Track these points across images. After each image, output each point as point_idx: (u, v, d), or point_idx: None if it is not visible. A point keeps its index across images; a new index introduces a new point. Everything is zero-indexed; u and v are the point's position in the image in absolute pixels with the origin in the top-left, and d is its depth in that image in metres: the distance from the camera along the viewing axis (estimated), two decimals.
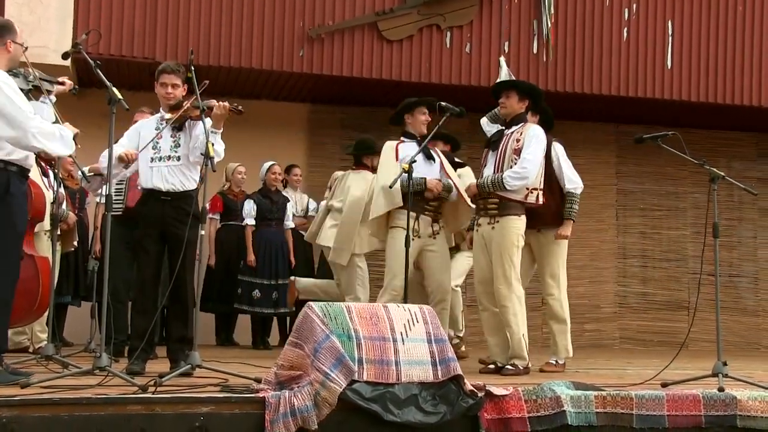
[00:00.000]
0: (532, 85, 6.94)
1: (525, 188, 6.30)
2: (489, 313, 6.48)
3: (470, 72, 9.80)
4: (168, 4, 9.18)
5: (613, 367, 7.57)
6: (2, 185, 4.76)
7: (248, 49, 9.37)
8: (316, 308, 4.49)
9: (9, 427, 3.85)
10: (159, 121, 5.76)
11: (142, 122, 5.86)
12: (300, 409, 4.21)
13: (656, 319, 11.33)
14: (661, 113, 10.97)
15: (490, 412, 4.60)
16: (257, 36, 9.40)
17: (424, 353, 4.55)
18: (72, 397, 4.06)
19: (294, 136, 10.90)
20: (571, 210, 6.76)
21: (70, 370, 5.10)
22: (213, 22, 9.29)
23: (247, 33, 9.37)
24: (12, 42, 4.95)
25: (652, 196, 11.67)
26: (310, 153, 10.94)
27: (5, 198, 4.77)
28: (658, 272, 11.39)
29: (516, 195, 6.30)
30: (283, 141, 10.69)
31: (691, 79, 10.45)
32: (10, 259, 4.82)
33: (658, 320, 11.34)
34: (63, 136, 4.84)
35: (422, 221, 6.73)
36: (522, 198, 6.31)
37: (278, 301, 9.16)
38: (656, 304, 11.53)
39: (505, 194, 6.28)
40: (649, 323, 11.34)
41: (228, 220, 9.35)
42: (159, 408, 4.12)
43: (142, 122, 5.86)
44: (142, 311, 5.61)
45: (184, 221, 5.54)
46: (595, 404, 4.77)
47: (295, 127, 10.94)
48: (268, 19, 9.43)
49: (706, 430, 4.94)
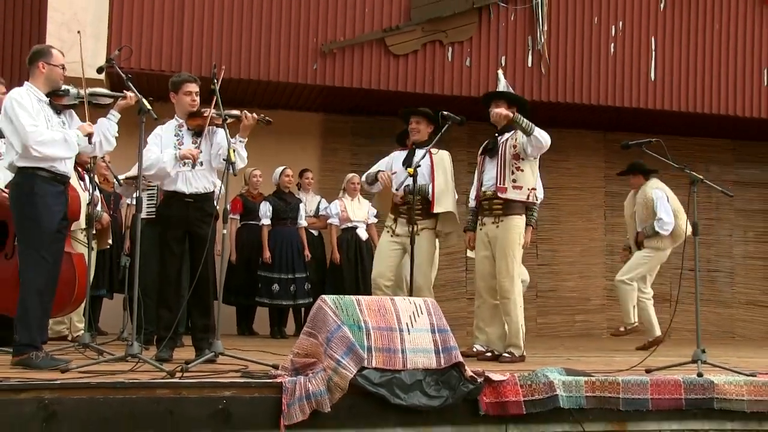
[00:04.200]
0: (518, 95, 6.92)
1: (527, 189, 6.34)
2: (487, 305, 6.48)
3: (470, 84, 9.79)
4: (193, 23, 9.21)
5: (601, 354, 7.55)
6: (28, 187, 4.88)
7: (266, 63, 9.37)
8: (329, 301, 4.50)
9: (50, 408, 3.87)
10: (177, 128, 5.72)
11: (160, 127, 5.77)
12: (314, 393, 4.22)
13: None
14: (645, 121, 10.96)
15: (488, 396, 4.60)
16: (274, 51, 9.41)
17: (428, 342, 4.56)
18: (106, 382, 4.07)
19: (308, 142, 10.91)
20: (531, 217, 6.62)
21: (104, 357, 5.14)
22: (234, 38, 9.30)
23: (265, 48, 9.39)
24: (45, 64, 5.02)
25: None
26: (323, 158, 10.94)
27: (30, 198, 4.87)
28: None
29: (519, 196, 6.32)
30: (299, 147, 10.70)
31: (672, 90, 10.43)
32: (39, 253, 4.86)
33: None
34: (67, 140, 4.95)
35: (399, 223, 6.68)
36: (524, 198, 6.34)
37: (295, 293, 9.18)
38: None
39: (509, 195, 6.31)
40: None
41: (247, 219, 9.36)
42: (185, 392, 4.13)
43: (161, 128, 5.77)
44: (168, 304, 5.59)
45: (206, 221, 5.54)
46: (585, 389, 4.77)
47: (309, 134, 10.94)
48: (284, 35, 9.44)
49: (686, 411, 4.95)
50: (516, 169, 6.34)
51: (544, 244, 11.30)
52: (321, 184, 10.42)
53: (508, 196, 6.32)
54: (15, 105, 4.86)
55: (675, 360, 5.60)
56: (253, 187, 9.44)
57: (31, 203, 4.87)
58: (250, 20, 9.35)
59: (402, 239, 6.61)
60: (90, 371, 4.43)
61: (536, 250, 11.11)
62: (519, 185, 6.33)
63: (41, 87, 5.03)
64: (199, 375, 4.41)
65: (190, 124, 5.64)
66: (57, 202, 5.01)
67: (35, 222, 4.87)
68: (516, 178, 6.34)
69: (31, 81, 5.04)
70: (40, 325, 4.94)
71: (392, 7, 9.72)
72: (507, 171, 6.34)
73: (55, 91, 5.10)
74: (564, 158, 11.52)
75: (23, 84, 5.05)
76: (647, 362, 5.50)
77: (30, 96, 4.94)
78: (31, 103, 4.92)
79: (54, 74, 5.08)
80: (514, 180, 6.33)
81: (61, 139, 4.92)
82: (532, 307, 9.44)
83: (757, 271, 12.28)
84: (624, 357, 6.80)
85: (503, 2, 9.97)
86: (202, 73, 7.75)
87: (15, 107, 4.85)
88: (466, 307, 10.43)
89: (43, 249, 4.88)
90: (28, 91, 4.96)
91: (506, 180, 6.34)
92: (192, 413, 4.09)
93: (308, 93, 10.11)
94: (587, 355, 7.46)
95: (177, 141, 5.64)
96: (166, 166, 5.47)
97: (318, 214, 9.63)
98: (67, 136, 4.96)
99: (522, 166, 6.34)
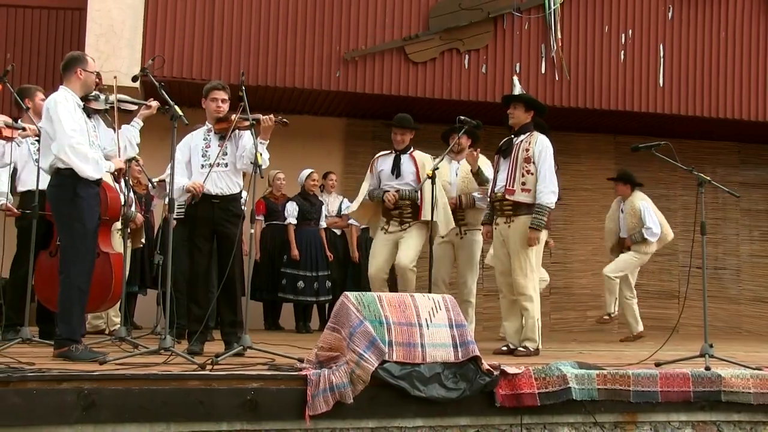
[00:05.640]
0: (536, 100, 6.89)
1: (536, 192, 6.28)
2: (507, 300, 6.46)
3: (486, 90, 9.77)
4: (222, 34, 9.26)
5: (613, 349, 7.52)
6: (71, 188, 4.89)
7: (291, 71, 9.40)
8: (352, 297, 4.49)
9: (89, 397, 3.89)
10: (206, 132, 5.74)
11: (190, 135, 5.80)
12: (338, 385, 4.22)
13: (650, 306, 11.21)
14: (654, 125, 10.91)
15: (504, 389, 4.58)
16: (299, 59, 9.43)
17: (446, 337, 4.54)
18: (141, 373, 4.09)
19: (332, 146, 10.94)
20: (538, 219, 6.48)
21: (139, 350, 5.15)
22: (261, 48, 9.34)
23: (290, 57, 9.41)
24: (82, 70, 5.06)
25: None
26: (345, 161, 10.96)
27: (74, 199, 4.89)
28: (651, 265, 11.24)
29: (527, 198, 6.28)
30: (323, 150, 10.73)
31: (680, 95, 10.38)
32: (80, 250, 4.89)
33: (652, 308, 11.22)
34: (98, 163, 4.96)
35: (391, 224, 6.77)
36: (533, 200, 6.29)
37: (319, 290, 9.19)
38: (650, 293, 11.43)
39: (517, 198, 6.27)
40: (644, 310, 11.14)
41: (271, 220, 9.38)
42: (215, 383, 4.14)
43: (192, 134, 5.80)
44: (197, 301, 5.59)
45: (232, 221, 5.55)
46: (597, 381, 4.74)
47: (332, 138, 10.97)
48: (309, 44, 9.46)
49: (695, 404, 4.91)
50: (526, 172, 6.28)
51: (557, 243, 11.24)
52: (343, 185, 10.43)
53: (516, 198, 6.28)
54: (58, 107, 4.86)
55: (683, 354, 5.57)
56: (277, 189, 9.46)
57: (73, 204, 4.89)
58: (277, 31, 9.39)
59: (395, 235, 6.72)
60: (126, 363, 4.46)
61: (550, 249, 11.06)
62: (528, 188, 6.28)
63: (77, 92, 5.06)
64: (228, 367, 4.42)
65: (217, 128, 5.67)
66: (95, 203, 5.05)
67: (78, 222, 4.89)
68: (525, 181, 6.29)
69: (67, 85, 5.06)
70: (79, 320, 4.98)
71: (411, 17, 9.73)
72: (517, 173, 6.30)
73: (86, 96, 5.16)
74: (576, 160, 11.48)
75: (59, 88, 5.07)
76: (657, 356, 5.47)
77: (69, 100, 4.96)
78: (73, 107, 4.95)
79: (89, 80, 5.13)
80: (523, 183, 6.29)
81: (93, 160, 4.92)
82: (546, 304, 9.41)
83: (763, 269, 12.18)
84: (634, 351, 6.76)
85: (517, 12, 9.94)
86: (231, 81, 7.78)
87: (58, 109, 4.86)
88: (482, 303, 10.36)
89: (84, 248, 4.91)
90: (66, 96, 4.98)
91: (515, 182, 6.30)
92: (221, 403, 4.09)
93: (332, 99, 10.13)
94: (599, 349, 7.43)
95: (204, 144, 5.67)
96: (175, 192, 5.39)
97: (340, 214, 9.65)
98: (100, 160, 4.98)
99: (532, 169, 6.29)
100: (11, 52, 9.93)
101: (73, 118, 4.91)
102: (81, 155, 4.86)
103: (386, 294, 4.73)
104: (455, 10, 9.76)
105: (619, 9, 10.29)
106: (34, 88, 6.36)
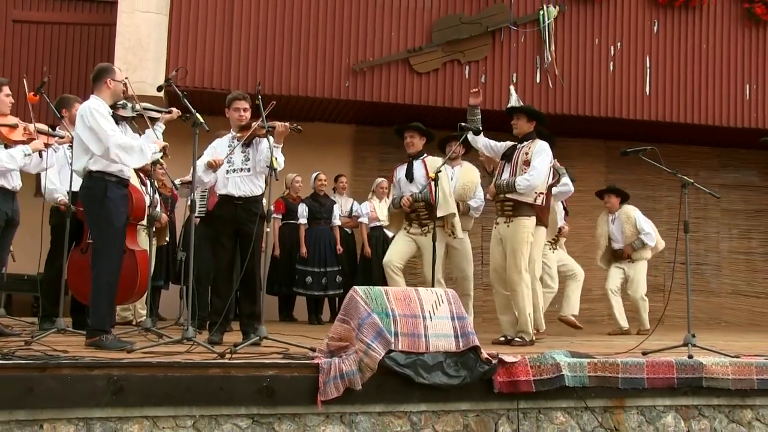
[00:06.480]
0: (537, 111, 6.89)
1: (534, 192, 6.28)
2: (500, 296, 6.46)
3: (485, 98, 9.75)
4: (240, 48, 9.28)
5: (603, 339, 7.51)
6: (102, 190, 4.90)
7: (304, 81, 9.41)
8: (360, 291, 4.50)
9: (118, 383, 3.91)
10: (231, 139, 5.77)
11: (217, 141, 5.87)
12: (347, 373, 4.23)
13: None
14: (641, 131, 10.87)
15: (502, 376, 4.58)
16: (311, 70, 9.44)
17: (448, 328, 4.55)
18: (166, 361, 4.10)
19: (341, 151, 10.94)
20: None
21: (164, 339, 5.18)
22: (276, 60, 9.36)
23: (303, 68, 9.43)
24: (111, 80, 5.06)
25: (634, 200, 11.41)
26: (354, 165, 10.95)
27: (104, 201, 4.90)
28: None
29: (527, 198, 6.27)
30: (333, 155, 10.73)
31: (665, 103, 10.37)
32: (109, 249, 4.91)
33: None
34: (143, 150, 4.97)
35: (413, 226, 6.85)
36: (531, 201, 6.30)
37: (327, 285, 9.21)
38: None
39: (518, 197, 6.26)
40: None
41: (288, 219, 9.39)
42: (234, 371, 4.15)
43: (218, 141, 5.87)
44: (219, 294, 5.63)
45: (253, 221, 5.56)
46: (588, 369, 4.74)
47: (342, 144, 10.96)
48: (320, 56, 9.48)
49: (678, 389, 4.91)
50: (525, 173, 6.27)
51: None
52: (352, 188, 10.43)
53: (515, 197, 6.28)
54: (95, 113, 4.86)
55: (668, 343, 5.56)
56: (294, 191, 9.48)
57: (104, 206, 4.90)
58: (290, 44, 9.41)
59: (416, 237, 6.79)
60: (151, 352, 4.48)
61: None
62: None
63: (107, 100, 5.07)
64: (246, 356, 4.43)
65: (239, 135, 5.69)
66: (123, 204, 5.06)
67: (109, 222, 4.90)
68: None
69: (97, 94, 5.06)
70: (109, 312, 5.00)
71: (415, 30, 9.74)
72: (517, 174, 6.30)
73: (115, 104, 5.18)
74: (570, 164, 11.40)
75: (90, 98, 5.08)
76: (643, 346, 5.46)
77: (102, 107, 4.97)
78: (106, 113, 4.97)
79: (118, 89, 5.13)
80: None
81: (138, 148, 4.94)
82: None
83: (741, 264, 12.16)
84: (623, 341, 6.75)
85: (514, 26, 9.94)
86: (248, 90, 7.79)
87: (95, 115, 4.86)
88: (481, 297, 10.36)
89: (114, 246, 4.93)
90: (98, 103, 4.98)
91: None
92: (239, 389, 4.11)
93: (341, 107, 10.13)
94: (590, 339, 7.42)
95: (229, 150, 5.70)
96: (198, 170, 5.49)
97: (351, 214, 9.65)
98: (143, 147, 4.99)
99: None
100: (47, 64, 9.98)
101: (109, 120, 4.94)
102: (127, 148, 4.88)
103: (392, 288, 4.74)
104: (456, 24, 9.78)
105: (609, 23, 10.29)
106: (73, 99, 6.37)
